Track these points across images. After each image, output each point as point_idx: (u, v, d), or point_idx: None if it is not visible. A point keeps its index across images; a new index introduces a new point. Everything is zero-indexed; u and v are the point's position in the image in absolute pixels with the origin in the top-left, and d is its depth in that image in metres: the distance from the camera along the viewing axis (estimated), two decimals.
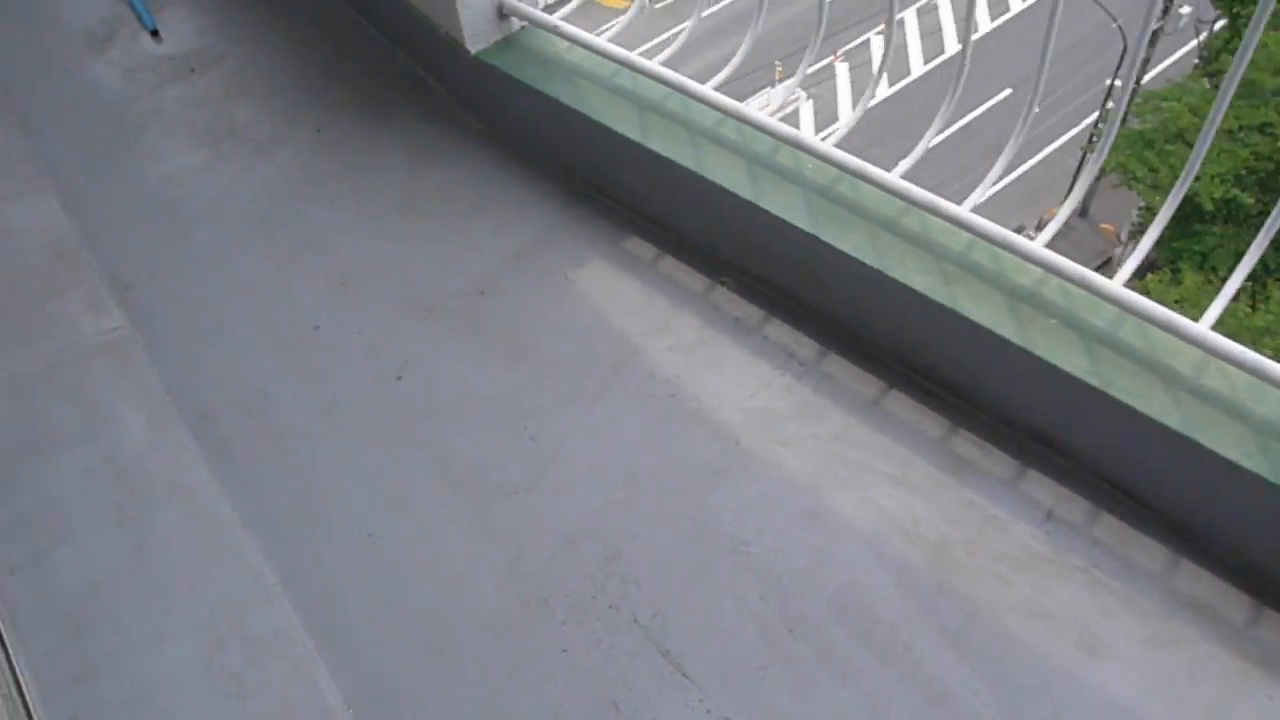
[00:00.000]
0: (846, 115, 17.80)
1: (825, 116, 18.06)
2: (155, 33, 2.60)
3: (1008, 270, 1.61)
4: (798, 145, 1.75)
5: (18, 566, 1.57)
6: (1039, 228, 17.08)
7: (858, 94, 18.44)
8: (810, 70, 1.86)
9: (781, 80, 18.01)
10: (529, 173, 2.11)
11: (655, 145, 1.85)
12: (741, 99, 1.95)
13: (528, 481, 1.66)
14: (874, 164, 1.71)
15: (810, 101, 18.07)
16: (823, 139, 1.77)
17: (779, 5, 17.80)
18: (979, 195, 1.67)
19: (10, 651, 1.46)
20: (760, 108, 1.87)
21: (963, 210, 1.62)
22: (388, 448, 1.73)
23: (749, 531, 1.58)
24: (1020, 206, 15.99)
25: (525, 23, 2.08)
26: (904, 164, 1.70)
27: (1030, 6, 19.63)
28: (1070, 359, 1.49)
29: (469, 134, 2.22)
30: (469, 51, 2.07)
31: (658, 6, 20.17)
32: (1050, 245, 1.59)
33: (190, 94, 2.43)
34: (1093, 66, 17.04)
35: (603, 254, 1.96)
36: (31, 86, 2.50)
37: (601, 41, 1.95)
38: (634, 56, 1.91)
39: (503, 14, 2.06)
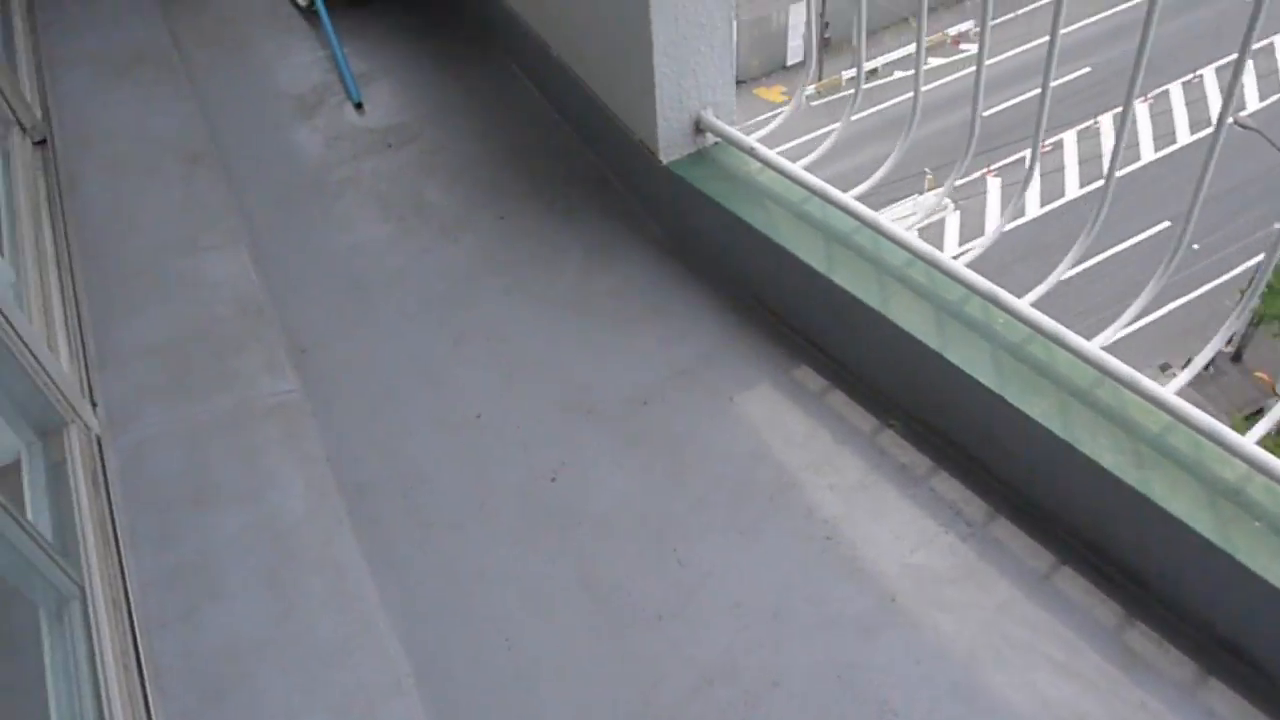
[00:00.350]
0: (993, 228, 17.61)
1: (971, 229, 17.79)
2: (359, 105, 2.73)
3: (1210, 461, 1.50)
4: (992, 299, 1.70)
5: (169, 620, 1.60)
6: (1185, 367, 16.42)
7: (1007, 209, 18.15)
8: (960, 182, 1.82)
9: (931, 189, 17.89)
10: (704, 286, 2.11)
11: (839, 278, 1.82)
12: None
13: (672, 608, 1.62)
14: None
15: (957, 213, 17.85)
16: (1017, 295, 1.71)
17: (935, 113, 17.79)
18: (1185, 378, 1.58)
19: (151, 707, 1.48)
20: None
21: (1166, 391, 1.54)
22: (534, 550, 1.72)
23: (898, 698, 1.49)
24: (1168, 343, 15.37)
25: (719, 139, 2.10)
26: (1105, 335, 1.63)
27: (1199, 140, 19.10)
28: (1274, 569, 1.38)
29: (648, 239, 2.24)
30: (660, 161, 2.10)
31: (814, 104, 20.36)
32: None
33: (385, 167, 2.52)
34: (1263, 208, 16.42)
35: (771, 379, 1.93)
36: (241, 144, 2.65)
37: (795, 168, 1.94)
38: (828, 187, 1.90)
39: (699, 129, 2.08)
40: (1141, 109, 19.69)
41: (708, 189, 2.02)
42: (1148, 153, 19.10)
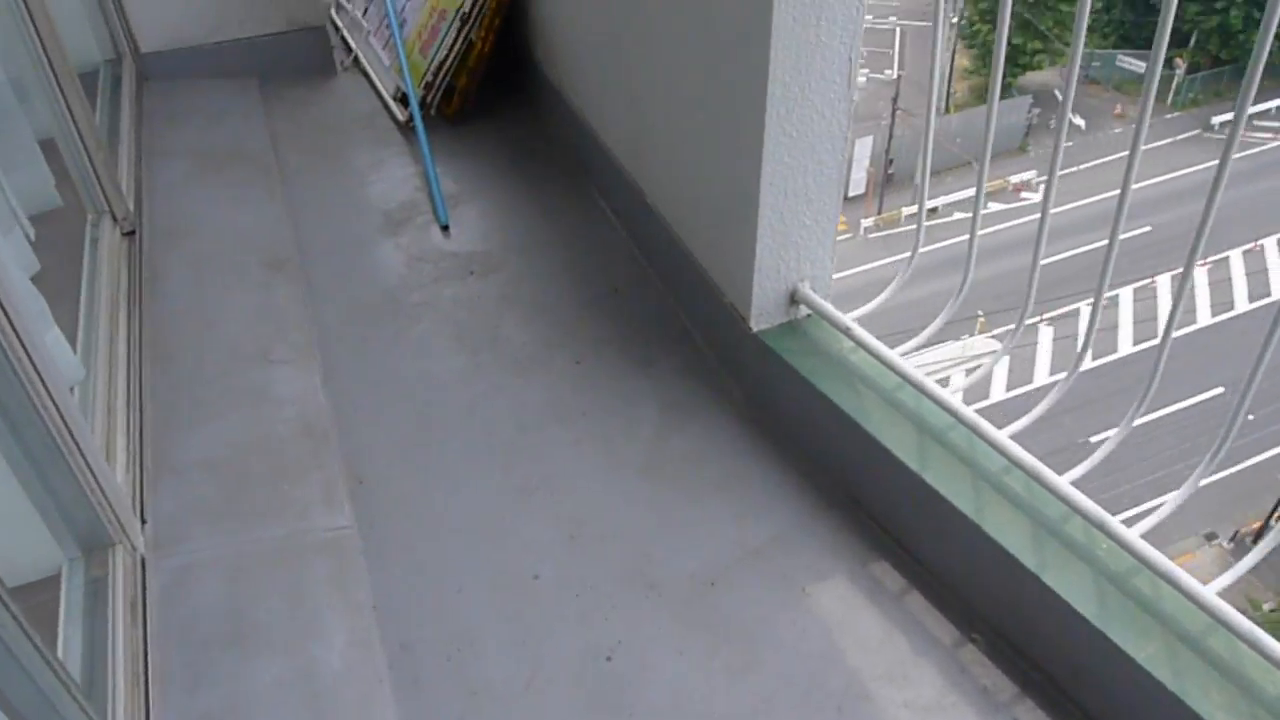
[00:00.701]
0: (1042, 377, 17.34)
1: (1019, 375, 17.63)
2: (446, 228, 2.72)
3: None
4: (1098, 524, 1.59)
5: None
6: (1233, 539, 15.89)
7: (1059, 359, 17.98)
8: (1009, 328, 1.74)
9: (982, 332, 17.81)
10: (783, 461, 2.02)
11: (931, 478, 1.73)
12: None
13: None
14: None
15: (1006, 358, 17.69)
16: (1122, 519, 1.60)
17: (992, 257, 17.83)
18: None
19: None
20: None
21: None
22: None
23: None
24: (1217, 511, 14.96)
25: (813, 312, 2.03)
26: (1222, 580, 1.51)
27: (1260, 307, 18.97)
28: None
29: (728, 405, 2.16)
30: (750, 327, 2.03)
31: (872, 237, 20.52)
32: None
33: (464, 295, 2.49)
34: None
35: (847, 572, 1.82)
36: (324, 253, 2.63)
37: (892, 354, 1.87)
38: (924, 379, 1.82)
39: (794, 300, 2.02)
40: (1200, 273, 19.60)
41: (797, 363, 1.95)
42: (1204, 316, 18.97)
